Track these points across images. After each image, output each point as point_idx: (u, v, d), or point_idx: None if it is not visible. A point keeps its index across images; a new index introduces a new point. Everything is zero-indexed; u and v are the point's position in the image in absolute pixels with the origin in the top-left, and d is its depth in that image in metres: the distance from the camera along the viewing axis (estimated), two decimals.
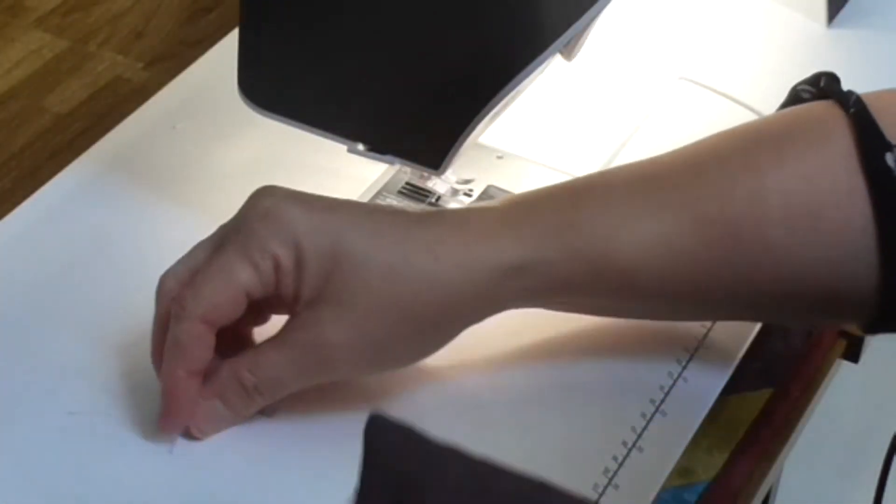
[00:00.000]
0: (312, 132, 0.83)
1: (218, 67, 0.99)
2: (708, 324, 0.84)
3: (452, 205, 0.90)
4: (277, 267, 0.72)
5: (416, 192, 0.91)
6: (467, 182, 0.91)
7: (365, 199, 0.90)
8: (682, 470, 0.79)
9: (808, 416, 0.86)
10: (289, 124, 0.83)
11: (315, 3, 0.79)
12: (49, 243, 0.87)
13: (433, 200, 0.90)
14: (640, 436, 0.78)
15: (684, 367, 0.81)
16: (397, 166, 0.90)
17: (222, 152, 0.94)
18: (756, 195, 0.73)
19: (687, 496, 0.79)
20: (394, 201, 0.90)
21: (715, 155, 0.75)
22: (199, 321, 0.72)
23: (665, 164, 0.76)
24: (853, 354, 0.89)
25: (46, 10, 1.06)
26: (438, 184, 0.90)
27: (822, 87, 0.78)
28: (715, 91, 0.99)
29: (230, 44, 0.96)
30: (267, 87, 0.83)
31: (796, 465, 1.17)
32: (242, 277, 0.72)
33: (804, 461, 1.80)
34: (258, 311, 0.76)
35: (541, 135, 0.95)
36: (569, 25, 0.82)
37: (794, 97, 0.80)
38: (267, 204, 0.73)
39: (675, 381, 0.81)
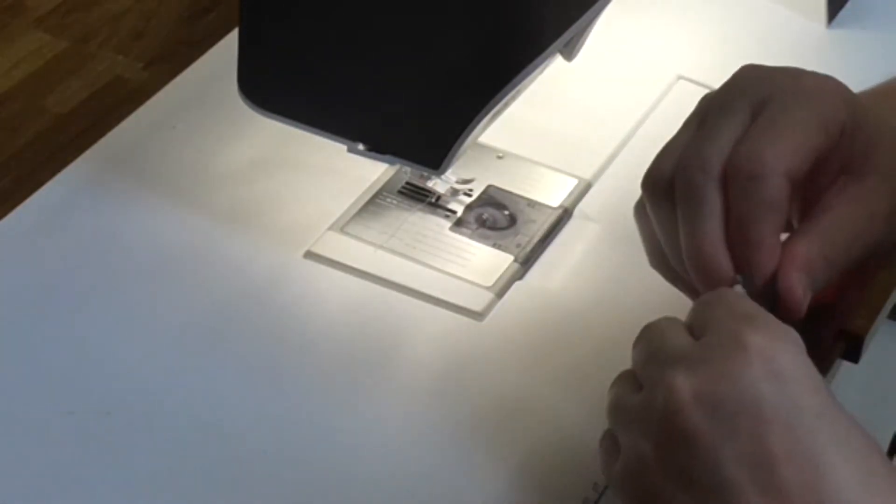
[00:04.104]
0: (312, 132, 0.83)
1: (218, 67, 0.99)
2: None
3: (452, 205, 0.90)
4: (842, 131, 0.69)
5: (416, 192, 0.91)
6: (467, 182, 0.91)
7: (365, 199, 0.90)
8: None
9: None
10: (289, 124, 0.83)
11: (315, 4, 0.79)
12: (49, 243, 0.87)
13: (433, 200, 0.90)
14: None
15: None
16: (397, 166, 0.90)
17: (222, 152, 0.94)
18: None
19: None
20: (394, 201, 0.90)
21: None
22: (784, 176, 0.67)
23: None
24: (853, 354, 0.89)
25: (46, 10, 1.05)
26: (438, 184, 0.90)
27: None
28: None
29: (230, 44, 0.96)
30: (267, 87, 0.83)
31: None
32: (815, 136, 0.68)
33: None
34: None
35: (541, 135, 0.95)
36: (569, 25, 0.82)
37: None
38: (815, 78, 0.71)
39: None
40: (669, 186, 0.70)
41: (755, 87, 0.70)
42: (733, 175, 0.68)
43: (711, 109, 0.71)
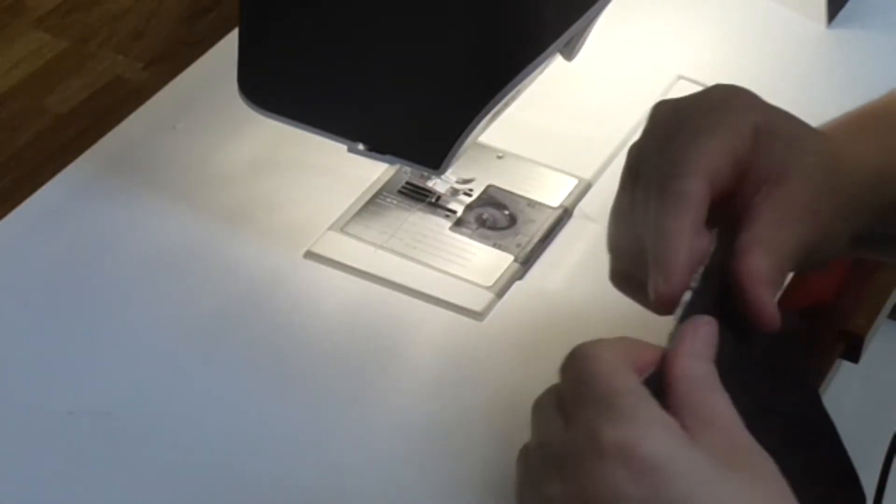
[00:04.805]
0: (312, 132, 0.83)
1: (218, 67, 0.99)
2: None
3: (452, 205, 0.90)
4: (756, 133, 0.69)
5: (416, 192, 0.91)
6: (467, 182, 0.91)
7: (365, 199, 0.90)
8: None
9: None
10: (289, 124, 0.83)
11: (315, 4, 0.79)
12: (49, 243, 0.87)
13: (433, 200, 0.90)
14: None
15: None
16: (397, 166, 0.90)
17: (222, 152, 0.94)
18: None
19: None
20: (394, 201, 0.90)
21: None
22: (700, 175, 0.67)
23: None
24: (853, 354, 0.89)
25: (46, 10, 1.05)
26: (438, 183, 0.90)
27: None
28: None
29: (230, 44, 0.96)
30: (267, 87, 0.83)
31: None
32: (728, 138, 0.68)
33: None
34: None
35: (541, 135, 0.95)
36: (569, 25, 0.82)
37: None
38: (736, 87, 0.71)
39: None
40: (629, 254, 0.70)
41: (669, 121, 0.71)
42: (656, 185, 0.68)
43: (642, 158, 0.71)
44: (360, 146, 0.82)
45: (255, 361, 0.81)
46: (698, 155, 0.67)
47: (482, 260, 0.87)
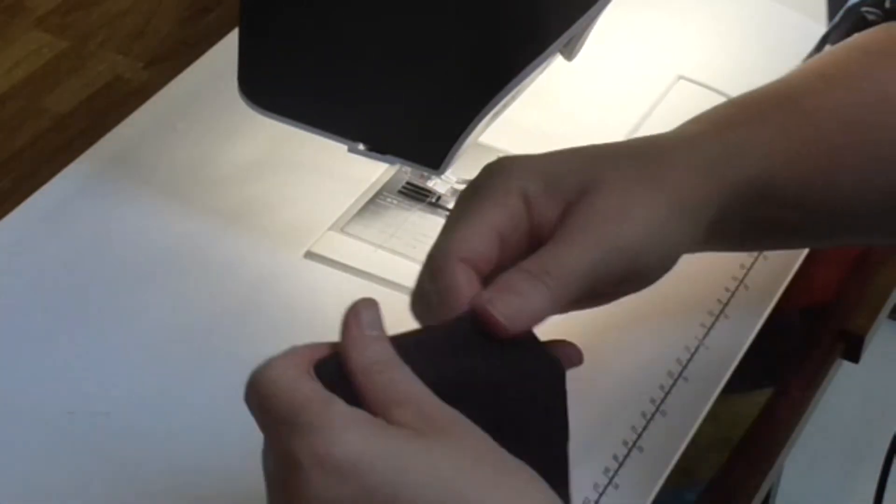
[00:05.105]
0: (312, 132, 0.83)
1: (218, 67, 0.99)
2: (708, 323, 0.84)
3: (452, 205, 0.90)
4: (526, 198, 0.70)
5: (416, 192, 0.91)
6: (467, 182, 0.91)
7: (365, 200, 0.90)
8: (682, 470, 0.79)
9: (808, 416, 0.86)
10: (289, 124, 0.83)
11: (315, 4, 0.79)
12: (49, 243, 0.87)
13: (433, 200, 0.90)
14: (640, 435, 0.78)
15: (685, 367, 0.81)
16: (397, 166, 0.90)
17: (222, 152, 0.94)
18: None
19: (687, 496, 0.79)
20: (394, 201, 0.90)
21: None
22: (460, 262, 0.68)
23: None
24: (853, 354, 0.89)
25: (46, 10, 1.06)
26: (438, 184, 0.90)
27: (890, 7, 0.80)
28: (714, 91, 0.99)
29: (230, 44, 0.96)
30: (267, 87, 0.83)
31: (796, 465, 1.17)
32: (490, 215, 0.70)
33: (804, 461, 1.81)
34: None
35: (541, 135, 0.95)
36: (569, 25, 0.82)
37: (857, 18, 0.83)
38: (500, 160, 0.73)
39: (675, 381, 0.81)
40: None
41: (451, 212, 0.72)
42: (430, 278, 0.70)
43: None
44: (360, 146, 0.82)
45: (255, 361, 0.81)
46: (454, 246, 0.69)
47: None
